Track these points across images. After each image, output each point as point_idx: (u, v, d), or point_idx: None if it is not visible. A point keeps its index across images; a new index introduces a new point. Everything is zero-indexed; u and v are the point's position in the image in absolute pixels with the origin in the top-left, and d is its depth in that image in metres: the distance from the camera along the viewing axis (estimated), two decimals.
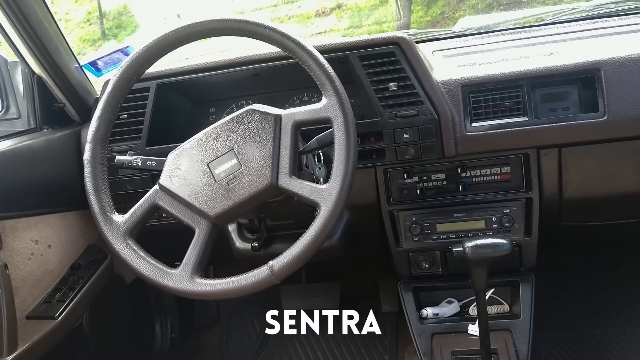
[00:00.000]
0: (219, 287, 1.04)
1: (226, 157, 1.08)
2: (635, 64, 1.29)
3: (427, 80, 1.34)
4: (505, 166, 1.42)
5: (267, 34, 1.08)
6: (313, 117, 1.08)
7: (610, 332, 1.91)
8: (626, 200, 1.40)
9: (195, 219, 1.09)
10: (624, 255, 2.05)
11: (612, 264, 2.05)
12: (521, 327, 1.39)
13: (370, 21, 3.02)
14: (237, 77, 1.46)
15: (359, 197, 1.43)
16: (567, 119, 1.33)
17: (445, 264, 1.48)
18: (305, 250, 1.01)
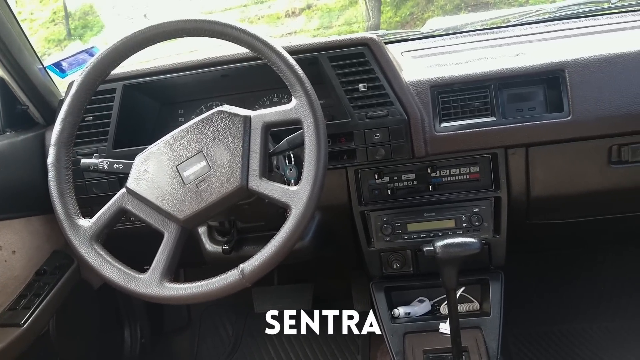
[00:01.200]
0: (189, 291, 1.03)
1: (195, 160, 1.07)
2: (598, 64, 1.32)
3: (397, 81, 1.35)
4: (474, 166, 1.43)
5: (236, 35, 1.07)
6: (283, 118, 1.07)
7: (577, 327, 1.95)
8: (590, 198, 1.43)
9: (164, 223, 1.07)
10: (590, 251, 2.10)
11: (578, 260, 2.10)
12: (491, 325, 1.41)
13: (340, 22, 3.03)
14: (206, 78, 1.44)
15: (331, 198, 1.42)
16: (534, 119, 1.35)
17: (416, 264, 1.49)
18: (277, 252, 1.01)
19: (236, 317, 2.21)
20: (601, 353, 1.83)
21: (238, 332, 2.17)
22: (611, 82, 1.31)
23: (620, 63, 1.32)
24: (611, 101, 1.31)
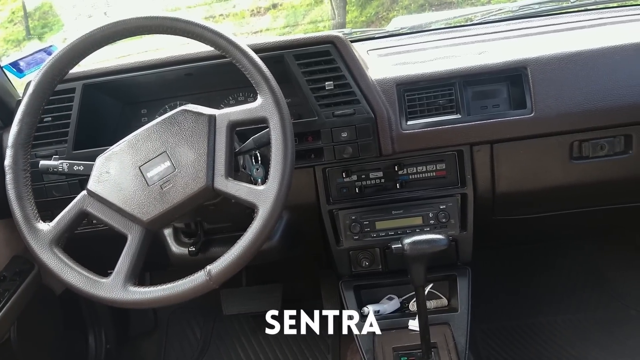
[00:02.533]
0: (154, 294, 1.01)
1: (159, 160, 1.05)
2: (559, 62, 1.35)
3: (363, 79, 1.35)
4: (441, 163, 1.44)
5: (199, 33, 1.05)
6: (248, 117, 1.05)
7: (543, 321, 1.99)
8: (553, 193, 1.46)
9: (127, 225, 1.05)
10: (554, 246, 2.14)
11: (542, 255, 2.14)
12: (459, 320, 1.42)
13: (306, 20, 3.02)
14: (170, 77, 1.41)
15: (298, 197, 1.42)
16: (498, 116, 1.37)
17: (385, 261, 1.50)
18: (244, 253, 0.99)
19: (204, 320, 2.18)
20: (566, 345, 1.87)
21: (206, 335, 2.14)
22: (571, 80, 1.34)
23: (580, 61, 1.34)
24: (572, 98, 1.34)
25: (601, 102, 1.33)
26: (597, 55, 1.35)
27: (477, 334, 1.95)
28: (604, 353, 1.81)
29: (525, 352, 1.88)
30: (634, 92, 1.32)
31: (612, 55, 1.34)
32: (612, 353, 1.80)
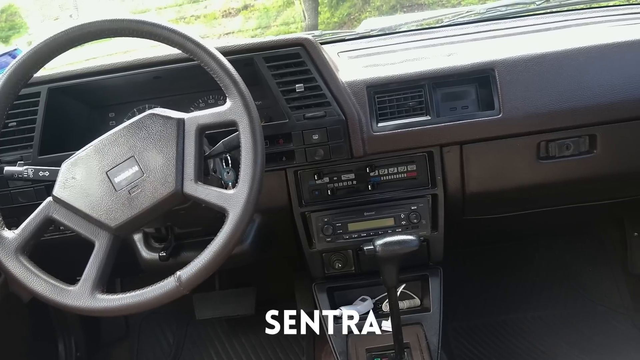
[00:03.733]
0: (123, 302, 0.99)
1: (126, 165, 1.03)
2: (525, 64, 1.37)
3: (333, 82, 1.35)
4: (411, 164, 1.45)
5: (166, 35, 1.04)
6: (217, 120, 1.05)
7: (513, 318, 2.02)
8: (522, 192, 1.49)
9: (95, 231, 1.03)
10: (523, 244, 2.18)
11: (512, 253, 2.18)
12: (431, 320, 1.43)
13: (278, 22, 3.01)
14: (138, 80, 1.39)
15: (270, 200, 1.41)
16: (467, 117, 1.38)
17: (357, 263, 1.50)
18: (214, 258, 0.99)
19: (177, 325, 2.16)
20: (536, 341, 1.91)
21: (179, 340, 2.12)
22: (538, 81, 1.36)
23: (545, 62, 1.37)
24: (538, 99, 1.36)
25: (566, 103, 1.36)
26: (562, 57, 1.37)
27: (450, 333, 1.97)
28: (573, 348, 1.84)
29: (497, 349, 1.91)
30: (597, 93, 1.35)
31: (577, 57, 1.37)
32: (580, 348, 1.84)
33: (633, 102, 1.36)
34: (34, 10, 2.88)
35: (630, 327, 1.92)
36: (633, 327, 1.92)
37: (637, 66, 1.36)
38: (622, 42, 1.38)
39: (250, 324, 2.08)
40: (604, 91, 1.35)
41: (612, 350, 1.82)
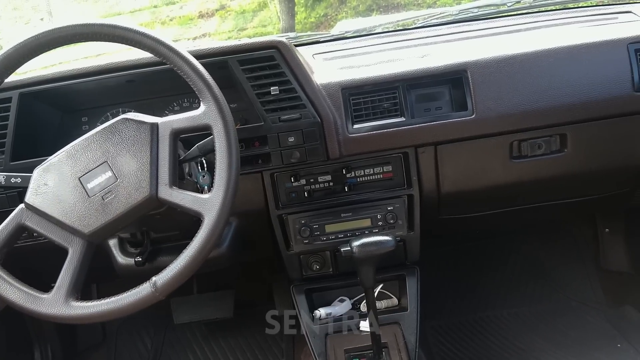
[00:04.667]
0: (98, 309, 0.99)
1: (99, 170, 1.03)
2: (497, 65, 1.39)
3: (308, 84, 1.35)
4: (387, 165, 1.46)
5: (138, 39, 1.03)
6: (192, 124, 1.04)
7: (490, 315, 2.05)
8: (495, 191, 1.51)
9: (68, 238, 1.02)
10: (498, 242, 2.21)
11: (488, 251, 2.21)
12: (409, 319, 1.45)
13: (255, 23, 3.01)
14: (111, 84, 1.38)
15: (247, 203, 1.41)
16: (441, 118, 1.40)
17: (335, 264, 1.51)
18: (190, 263, 0.98)
19: (155, 330, 2.14)
20: (512, 338, 1.93)
21: (157, 345, 2.10)
22: (509, 82, 1.38)
23: (516, 63, 1.39)
24: (510, 99, 1.38)
25: (537, 103, 1.38)
26: (533, 58, 1.40)
27: (428, 331, 1.99)
28: (548, 344, 1.88)
29: (474, 346, 1.93)
30: (567, 93, 1.38)
31: (547, 58, 1.40)
32: (555, 343, 1.87)
33: (601, 101, 1.39)
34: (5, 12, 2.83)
35: (603, 321, 1.96)
36: (606, 321, 1.96)
37: (605, 67, 1.39)
38: (590, 43, 1.41)
39: (230, 327, 2.08)
40: (573, 91, 1.38)
41: (586, 345, 1.85)
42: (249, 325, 2.09)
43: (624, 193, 1.63)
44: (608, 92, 1.39)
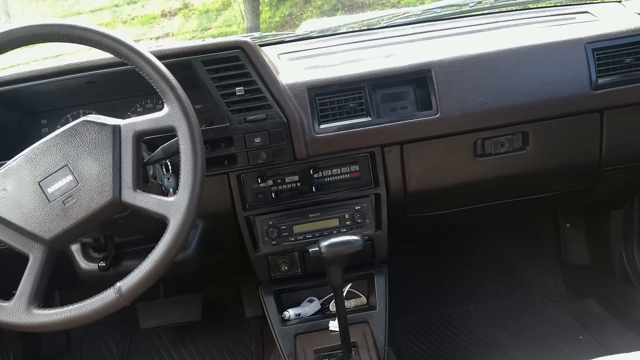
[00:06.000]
0: (60, 316, 0.96)
1: (60, 174, 1.00)
2: (460, 64, 1.41)
3: (274, 84, 1.35)
4: (354, 165, 1.47)
5: (98, 40, 1.01)
6: (155, 126, 1.03)
7: (457, 311, 2.08)
8: (460, 189, 1.53)
9: (28, 245, 0.99)
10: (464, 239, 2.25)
11: (454, 248, 2.25)
12: (378, 318, 1.45)
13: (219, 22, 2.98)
14: (70, 85, 1.34)
15: (213, 205, 1.40)
16: (406, 118, 1.41)
17: (304, 264, 1.50)
18: (155, 267, 0.97)
19: (121, 336, 2.10)
20: (479, 333, 1.97)
21: (124, 351, 2.06)
22: (472, 81, 1.41)
23: (479, 63, 1.41)
24: (473, 98, 1.40)
25: (500, 102, 1.41)
26: (495, 57, 1.42)
27: (397, 328, 2.01)
28: (513, 338, 1.92)
29: (442, 342, 1.96)
30: (528, 92, 1.41)
31: (508, 57, 1.43)
32: (520, 337, 1.91)
33: (560, 100, 1.42)
34: None
35: (565, 314, 2.02)
36: (568, 314, 2.01)
37: (564, 66, 1.43)
38: (549, 43, 1.44)
39: (198, 330, 2.05)
40: (534, 90, 1.41)
41: (550, 337, 1.90)
42: (218, 328, 2.07)
43: (584, 189, 1.67)
44: (567, 91, 1.42)
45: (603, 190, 1.69)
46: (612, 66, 1.45)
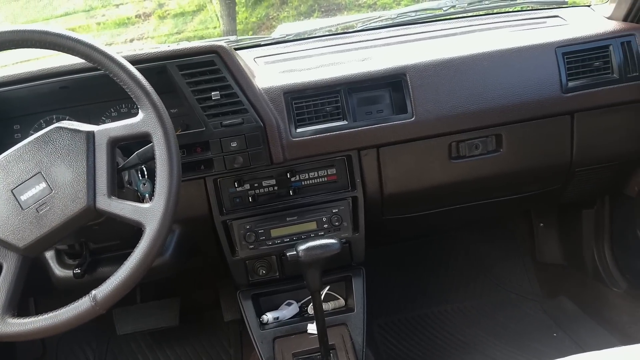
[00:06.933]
0: (35, 325, 0.95)
1: (33, 181, 0.99)
2: (434, 68, 1.43)
3: (250, 88, 1.35)
4: (331, 168, 1.48)
5: (70, 46, 1.00)
6: (130, 132, 1.02)
7: (434, 311, 2.10)
8: (436, 191, 1.55)
9: (2, 253, 0.99)
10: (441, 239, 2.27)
11: (431, 249, 2.27)
12: (356, 320, 1.47)
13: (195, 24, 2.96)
14: (43, 91, 1.32)
15: (190, 210, 1.39)
16: (382, 121, 1.43)
17: (282, 268, 1.51)
18: (131, 275, 0.96)
19: (97, 342, 2.07)
20: (455, 332, 1.99)
21: (100, 358, 2.03)
22: (446, 85, 1.43)
23: (453, 67, 1.43)
24: (447, 102, 1.42)
25: (474, 105, 1.43)
26: (468, 61, 1.44)
27: (375, 329, 2.02)
28: (490, 337, 1.94)
29: (420, 342, 1.97)
30: (501, 95, 1.44)
31: (481, 61, 1.45)
32: (496, 336, 1.94)
33: (532, 103, 1.45)
34: None
35: (539, 312, 2.06)
36: (542, 312, 2.05)
37: (535, 70, 1.46)
38: (521, 47, 1.47)
39: (176, 335, 2.04)
40: (506, 93, 1.44)
41: (525, 336, 1.93)
42: (196, 332, 2.06)
43: (556, 189, 1.71)
44: (538, 94, 1.45)
45: (575, 191, 1.73)
46: (581, 70, 1.48)
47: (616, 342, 1.78)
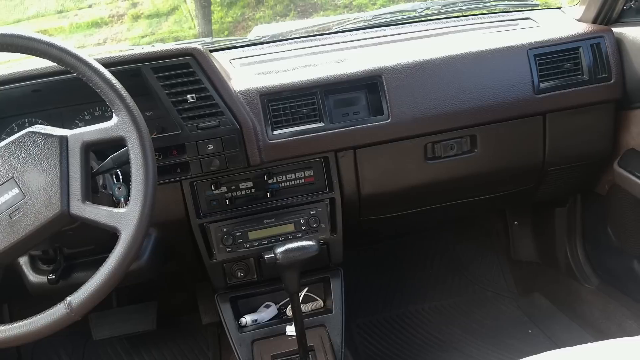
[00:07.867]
0: (9, 333, 0.94)
1: (5, 187, 0.97)
2: (410, 70, 1.44)
3: (226, 91, 1.34)
4: (309, 170, 1.48)
5: (43, 49, 0.98)
6: (104, 136, 1.01)
7: (412, 310, 2.12)
8: (413, 192, 1.56)
9: None
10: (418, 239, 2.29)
11: (409, 248, 2.29)
12: (334, 321, 1.47)
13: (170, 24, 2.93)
14: (15, 94, 1.30)
15: (166, 213, 1.38)
16: (358, 123, 1.43)
17: (260, 271, 1.50)
18: (107, 280, 0.95)
19: (73, 347, 2.04)
20: (433, 331, 2.02)
21: None
22: (422, 86, 1.44)
23: (428, 69, 1.45)
24: (423, 103, 1.44)
25: (448, 107, 1.45)
26: (443, 63, 1.46)
27: (354, 329, 2.03)
28: (466, 334, 1.97)
29: (398, 341, 1.99)
30: (474, 97, 1.46)
31: (455, 63, 1.47)
32: (473, 334, 1.97)
33: (505, 104, 1.47)
34: None
35: (515, 309, 2.09)
36: (517, 309, 2.09)
37: (508, 71, 1.48)
38: (494, 49, 1.49)
39: (153, 340, 2.02)
40: (480, 95, 1.46)
41: (500, 332, 1.96)
42: (174, 336, 2.04)
43: (530, 189, 1.74)
44: (511, 95, 1.48)
45: (547, 190, 1.76)
46: (553, 71, 1.51)
47: (589, 337, 1.82)
